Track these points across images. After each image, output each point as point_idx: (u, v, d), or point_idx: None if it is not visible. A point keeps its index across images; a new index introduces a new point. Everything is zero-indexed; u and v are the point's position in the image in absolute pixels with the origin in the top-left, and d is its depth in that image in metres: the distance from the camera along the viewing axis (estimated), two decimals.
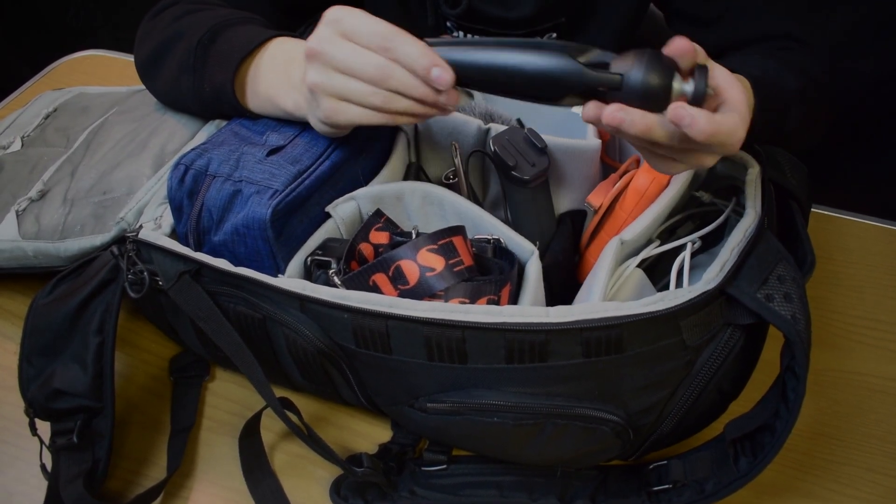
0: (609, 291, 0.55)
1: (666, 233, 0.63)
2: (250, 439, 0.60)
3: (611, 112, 0.44)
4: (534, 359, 0.47)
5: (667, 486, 0.55)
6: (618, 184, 0.62)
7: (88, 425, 0.57)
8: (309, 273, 0.57)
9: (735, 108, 0.46)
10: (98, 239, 0.62)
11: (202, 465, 0.61)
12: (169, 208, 0.60)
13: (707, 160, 0.49)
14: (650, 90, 0.44)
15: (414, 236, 0.57)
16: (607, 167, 0.68)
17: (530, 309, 0.47)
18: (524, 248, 0.58)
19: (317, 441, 0.55)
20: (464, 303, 0.51)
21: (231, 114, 0.65)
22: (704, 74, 0.45)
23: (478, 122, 0.65)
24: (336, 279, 0.54)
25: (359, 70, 0.50)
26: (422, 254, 0.52)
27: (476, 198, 0.68)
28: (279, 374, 0.59)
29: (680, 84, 0.45)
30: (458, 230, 0.54)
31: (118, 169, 0.68)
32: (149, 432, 0.63)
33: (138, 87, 0.78)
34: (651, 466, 0.57)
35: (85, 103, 0.83)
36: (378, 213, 0.59)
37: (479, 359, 0.48)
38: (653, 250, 0.59)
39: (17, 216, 0.68)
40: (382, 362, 0.51)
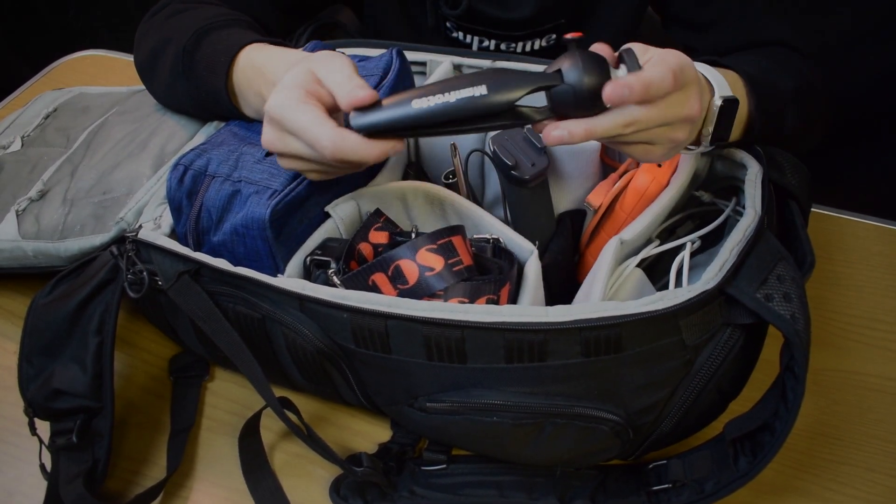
0: (608, 291, 0.55)
1: (665, 232, 0.63)
2: (250, 439, 0.60)
3: (549, 134, 0.45)
4: (533, 358, 0.47)
5: (666, 486, 0.55)
6: (617, 183, 0.62)
7: (88, 425, 0.57)
8: (308, 273, 0.57)
9: (657, 62, 0.46)
10: (98, 239, 0.62)
11: (202, 465, 0.61)
12: (168, 208, 0.60)
13: (672, 133, 0.49)
14: (593, 91, 0.44)
15: (413, 236, 0.57)
16: (607, 167, 0.68)
17: (529, 308, 0.47)
18: (523, 248, 0.58)
19: (316, 441, 0.55)
20: (463, 302, 0.51)
21: (229, 117, 0.65)
22: (632, 55, 0.46)
23: None
24: (335, 279, 0.54)
25: (300, 153, 0.51)
26: (421, 253, 0.52)
27: (475, 197, 0.68)
28: (279, 374, 0.59)
29: (614, 73, 0.46)
30: (458, 230, 0.54)
31: (118, 169, 0.68)
32: (148, 432, 0.63)
33: (138, 88, 0.79)
34: (650, 466, 0.57)
35: (85, 103, 0.83)
36: (377, 213, 0.59)
37: (479, 358, 0.48)
38: (652, 250, 0.59)
39: (17, 216, 0.68)
40: (382, 362, 0.51)
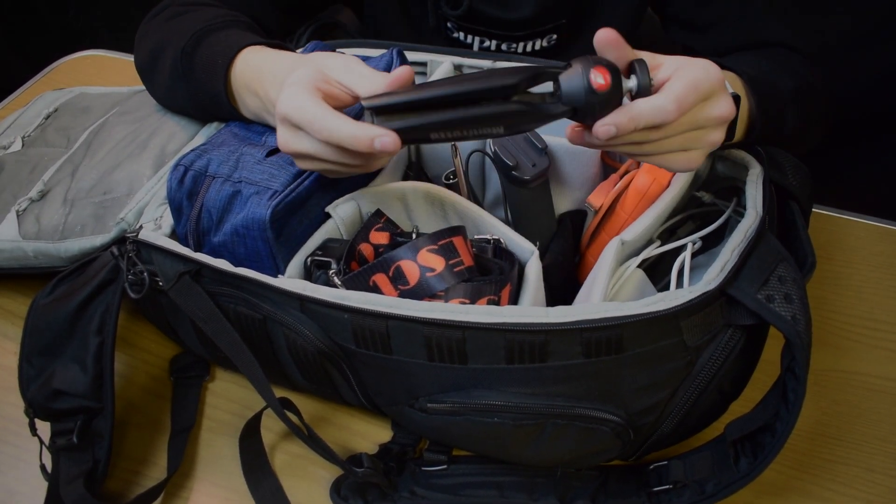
0: (609, 292, 0.55)
1: (666, 233, 0.63)
2: (250, 439, 0.60)
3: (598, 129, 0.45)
4: (534, 359, 0.47)
5: (667, 487, 0.55)
6: (618, 184, 0.62)
7: (88, 425, 0.57)
8: (309, 273, 0.57)
9: (680, 81, 0.46)
10: (98, 239, 0.62)
11: (202, 466, 0.61)
12: (169, 209, 0.60)
13: (707, 136, 0.49)
14: (601, 101, 0.45)
15: (414, 236, 0.57)
16: (608, 167, 0.68)
17: (530, 309, 0.47)
18: (524, 249, 0.58)
19: (317, 441, 0.55)
20: (464, 303, 0.51)
21: (228, 118, 0.65)
22: (644, 68, 0.46)
23: None
24: (336, 279, 0.54)
25: (315, 154, 0.51)
26: (422, 254, 0.52)
27: (476, 198, 0.68)
28: (279, 375, 0.59)
29: (625, 82, 0.46)
30: (459, 230, 0.54)
31: (118, 169, 0.68)
32: (149, 432, 0.63)
33: (139, 88, 0.78)
34: (651, 467, 0.57)
35: (85, 103, 0.83)
36: (378, 214, 0.59)
37: (480, 359, 0.48)
38: (653, 251, 0.59)
39: (18, 216, 0.68)
40: (382, 362, 0.51)
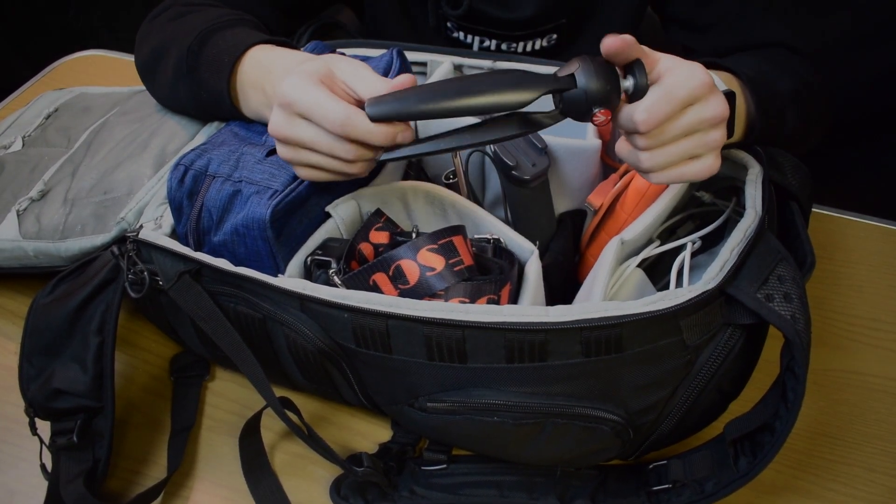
0: (609, 291, 0.55)
1: (666, 233, 0.63)
2: (250, 439, 0.60)
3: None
4: (534, 358, 0.47)
5: (667, 486, 0.55)
6: (618, 184, 0.62)
7: (88, 425, 0.57)
8: (309, 273, 0.57)
9: (655, 90, 0.46)
10: (98, 239, 0.62)
11: (202, 465, 0.61)
12: (169, 208, 0.60)
13: (706, 137, 0.49)
14: (603, 97, 0.46)
15: (414, 236, 0.57)
16: (607, 167, 0.68)
17: (530, 308, 0.47)
18: (524, 248, 0.58)
19: (317, 441, 0.55)
20: (464, 302, 0.51)
21: (229, 118, 0.65)
22: (642, 69, 0.46)
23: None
24: (336, 279, 0.54)
25: (308, 143, 0.51)
26: (422, 253, 0.52)
27: (476, 198, 0.68)
28: (279, 374, 0.59)
29: (622, 83, 0.46)
30: (458, 230, 0.54)
31: (119, 169, 0.68)
32: (149, 432, 0.63)
33: (139, 88, 0.79)
34: (651, 466, 0.57)
35: (86, 103, 0.83)
36: (378, 213, 0.59)
37: (480, 358, 0.48)
38: (653, 250, 0.59)
39: (18, 216, 0.68)
40: (382, 362, 0.51)
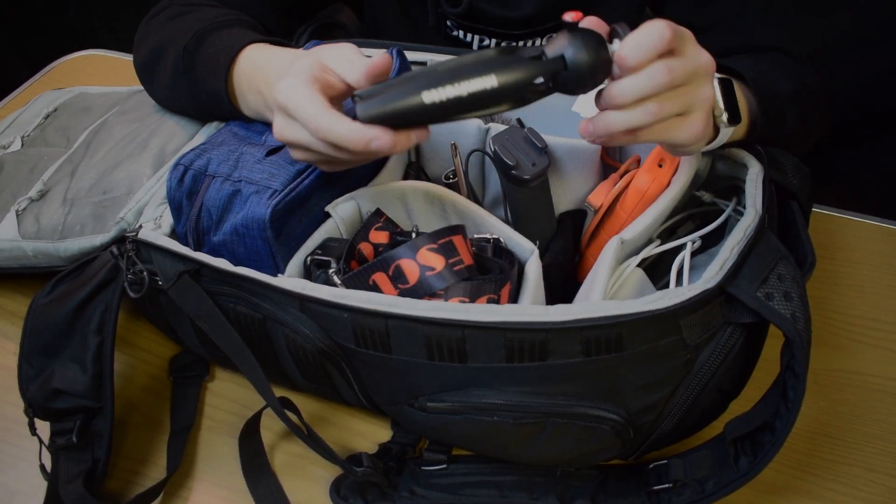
0: (609, 291, 0.55)
1: (666, 232, 0.63)
2: (250, 439, 0.60)
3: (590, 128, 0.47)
4: (534, 358, 0.47)
5: (667, 486, 0.55)
6: (618, 184, 0.62)
7: (88, 425, 0.57)
8: (309, 273, 0.57)
9: (641, 28, 0.46)
10: (98, 239, 0.62)
11: (202, 465, 0.61)
12: (169, 208, 0.60)
13: (700, 90, 0.48)
14: (595, 68, 0.46)
15: (414, 236, 0.57)
16: (607, 167, 0.68)
17: (530, 308, 0.47)
18: (524, 248, 0.58)
19: (317, 441, 0.55)
20: (464, 302, 0.51)
21: (228, 117, 0.65)
22: (626, 29, 0.47)
23: (478, 122, 0.65)
24: (336, 278, 0.54)
25: (308, 144, 0.51)
26: (422, 253, 0.52)
27: (476, 197, 0.68)
28: (279, 374, 0.59)
29: (610, 47, 0.47)
30: (458, 229, 0.54)
31: (118, 169, 0.68)
32: (148, 432, 0.63)
33: (138, 88, 0.78)
34: (651, 466, 0.57)
35: (85, 103, 0.83)
36: (378, 213, 0.59)
37: (480, 358, 0.48)
38: (653, 250, 0.59)
39: (17, 216, 0.68)
40: (382, 362, 0.51)
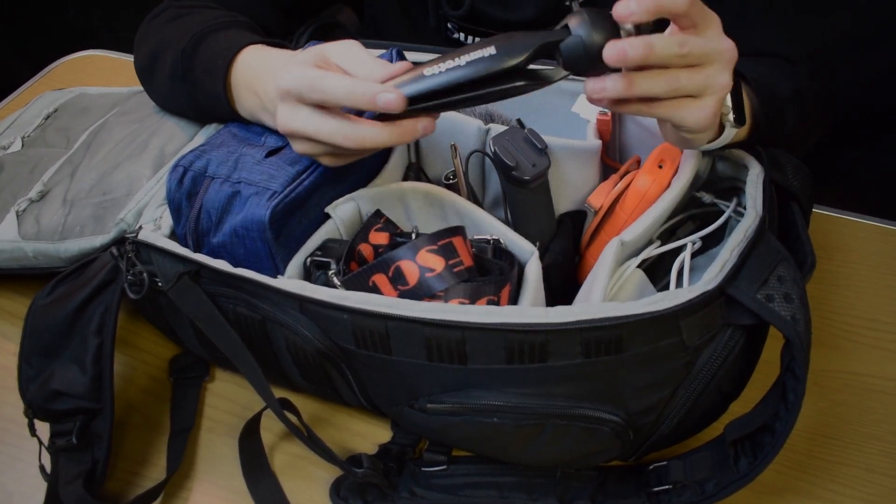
0: (609, 292, 0.54)
1: (666, 233, 0.63)
2: (250, 440, 0.60)
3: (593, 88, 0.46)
4: (534, 359, 0.47)
5: (667, 487, 0.55)
6: (618, 185, 0.62)
7: (88, 426, 0.57)
8: (308, 274, 0.57)
9: None
10: (98, 240, 0.62)
11: (202, 466, 0.61)
12: (168, 209, 0.60)
13: (718, 76, 0.47)
14: (603, 42, 0.45)
15: (414, 237, 0.57)
16: (608, 168, 0.68)
17: (530, 309, 0.47)
18: (524, 249, 0.58)
19: (316, 442, 0.55)
20: (463, 303, 0.51)
21: (227, 120, 0.65)
22: None
23: (478, 123, 0.65)
24: (335, 280, 0.54)
25: (313, 133, 0.51)
26: (421, 254, 0.52)
27: (476, 198, 0.68)
28: (279, 375, 0.59)
29: (622, 25, 0.46)
30: (458, 231, 0.54)
31: (118, 170, 0.68)
32: (148, 433, 0.63)
33: (138, 89, 0.78)
34: (651, 467, 0.57)
35: (85, 104, 0.83)
36: (378, 214, 0.59)
37: (479, 359, 0.48)
38: (653, 251, 0.59)
39: (18, 217, 0.68)
40: (382, 363, 0.51)
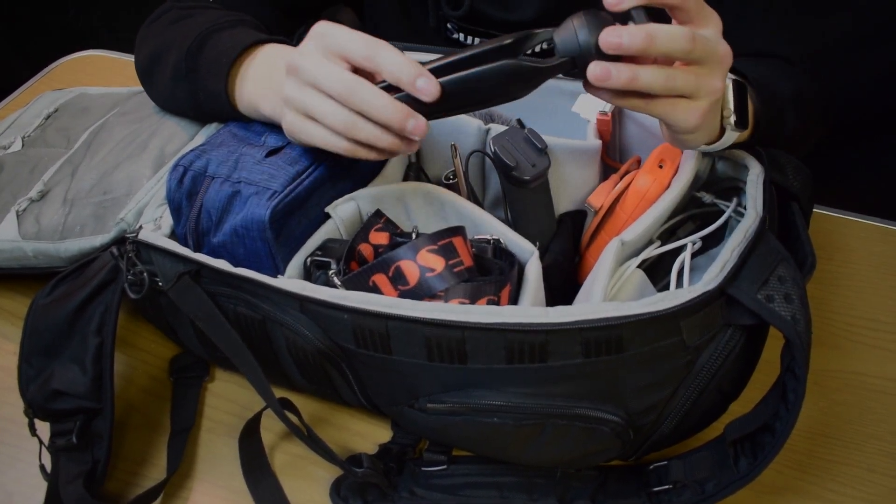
0: (609, 292, 0.54)
1: (667, 233, 0.63)
2: (250, 440, 0.60)
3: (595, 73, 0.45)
4: (534, 359, 0.47)
5: (667, 487, 0.55)
6: (618, 185, 0.62)
7: (88, 426, 0.57)
8: (308, 274, 0.57)
9: None
10: (98, 239, 0.62)
11: (202, 466, 0.61)
12: (168, 209, 0.60)
13: (711, 79, 0.48)
14: (591, 25, 0.46)
15: (414, 237, 0.57)
16: (608, 168, 0.68)
17: (530, 309, 0.47)
18: (524, 249, 0.58)
19: (317, 441, 0.55)
20: (464, 303, 0.51)
21: (227, 119, 0.65)
22: (642, 14, 0.46)
23: (478, 123, 0.65)
24: (336, 280, 0.54)
25: (327, 85, 0.49)
26: (422, 254, 0.52)
27: (476, 198, 0.68)
28: (279, 375, 0.59)
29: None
30: (458, 231, 0.54)
31: (118, 170, 0.68)
32: (148, 433, 0.63)
33: (139, 89, 0.78)
34: (651, 467, 0.57)
35: (86, 104, 0.83)
36: (378, 214, 0.59)
37: (480, 359, 0.48)
38: (653, 251, 0.59)
39: (18, 216, 0.68)
40: (382, 363, 0.51)
